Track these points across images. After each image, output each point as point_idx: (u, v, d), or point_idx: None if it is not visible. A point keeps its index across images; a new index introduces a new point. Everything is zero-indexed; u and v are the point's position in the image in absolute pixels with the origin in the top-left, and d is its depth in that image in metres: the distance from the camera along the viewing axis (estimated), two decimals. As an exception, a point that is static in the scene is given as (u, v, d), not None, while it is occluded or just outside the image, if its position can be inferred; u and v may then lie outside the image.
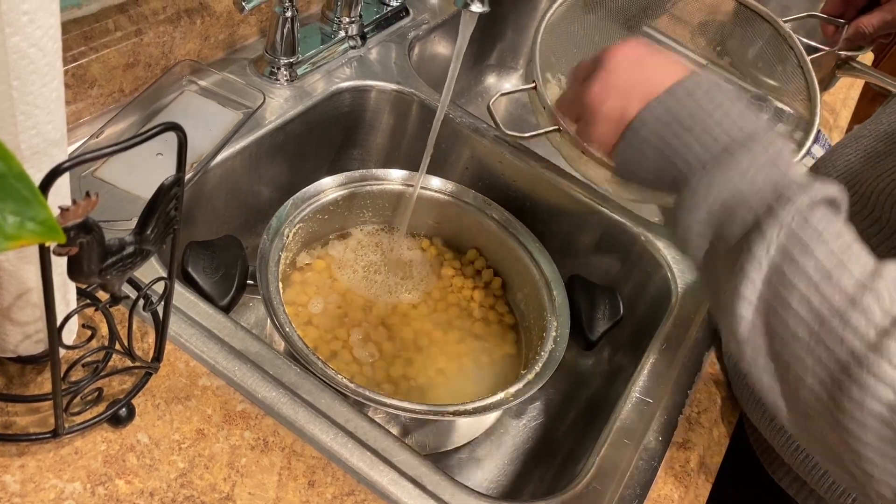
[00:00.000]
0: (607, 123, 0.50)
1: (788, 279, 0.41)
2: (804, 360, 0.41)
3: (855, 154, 0.64)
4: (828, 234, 0.42)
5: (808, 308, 0.41)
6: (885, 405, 0.38)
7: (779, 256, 0.42)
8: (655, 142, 0.47)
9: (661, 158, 0.47)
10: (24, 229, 0.28)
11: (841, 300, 0.40)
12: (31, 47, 0.35)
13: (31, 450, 0.49)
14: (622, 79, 0.50)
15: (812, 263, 0.41)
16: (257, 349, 0.59)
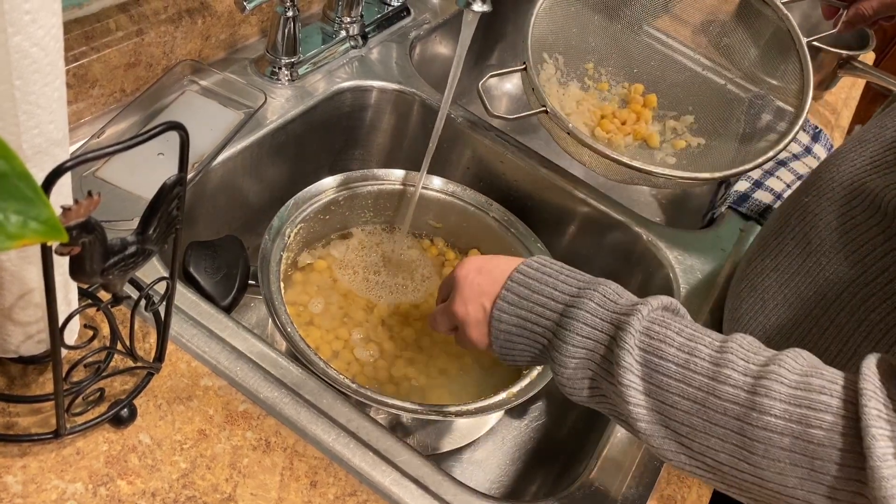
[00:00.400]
0: (477, 326, 0.58)
1: (659, 385, 0.47)
2: (709, 440, 0.45)
3: (860, 160, 0.63)
4: (669, 335, 0.48)
5: (686, 400, 0.46)
6: (782, 447, 0.43)
7: (642, 372, 0.48)
8: (515, 323, 0.55)
9: (524, 336, 0.55)
10: (26, 228, 0.28)
11: (705, 381, 0.46)
12: (33, 47, 0.35)
13: (33, 450, 0.49)
14: (472, 288, 0.58)
15: (669, 364, 0.47)
16: (259, 349, 0.59)
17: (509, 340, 0.56)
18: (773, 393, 0.44)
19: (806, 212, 0.65)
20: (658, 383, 0.47)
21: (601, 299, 0.52)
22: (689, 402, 0.46)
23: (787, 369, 0.45)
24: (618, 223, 0.83)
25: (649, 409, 0.48)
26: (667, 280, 0.79)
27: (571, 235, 0.87)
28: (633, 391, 0.48)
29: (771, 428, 0.43)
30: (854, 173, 0.63)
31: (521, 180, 0.87)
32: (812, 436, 0.42)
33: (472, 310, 0.58)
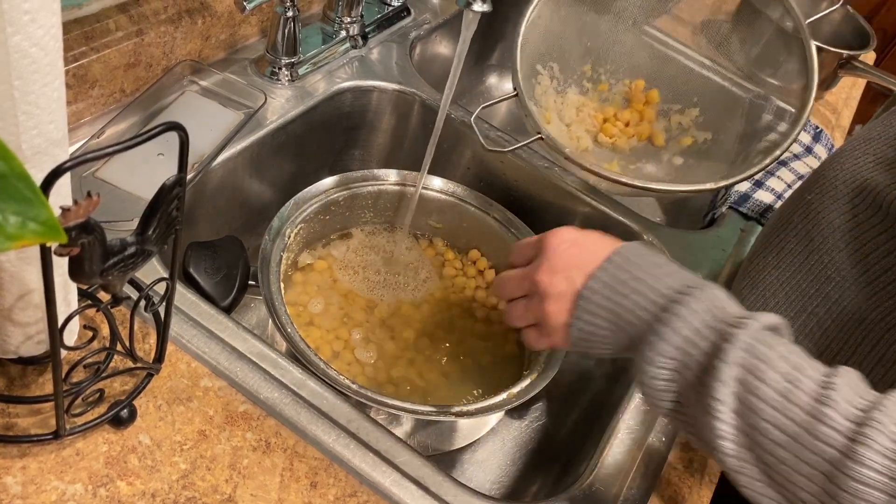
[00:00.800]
0: (559, 300, 0.53)
1: (753, 408, 0.44)
2: (794, 476, 0.44)
3: (864, 157, 0.63)
4: (773, 358, 0.45)
5: (779, 430, 0.44)
6: (879, 471, 0.41)
7: (739, 390, 0.45)
8: (606, 306, 0.51)
9: (613, 322, 0.51)
10: (25, 229, 0.28)
11: (804, 416, 0.43)
12: (32, 46, 0.35)
13: (33, 451, 0.49)
14: (563, 259, 0.54)
15: (769, 389, 0.44)
16: (259, 350, 0.59)
17: (593, 323, 0.52)
18: (874, 444, 0.41)
19: (809, 209, 0.65)
20: (752, 406, 0.45)
21: (710, 304, 0.48)
22: (782, 433, 0.44)
23: (892, 419, 0.42)
24: (618, 223, 0.83)
25: (738, 429, 0.45)
26: (667, 280, 0.79)
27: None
28: (724, 408, 0.45)
29: (867, 482, 0.41)
30: (858, 171, 0.63)
31: (521, 180, 0.87)
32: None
33: (559, 281, 0.53)
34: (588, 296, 0.52)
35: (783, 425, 0.44)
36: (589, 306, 0.52)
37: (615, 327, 0.51)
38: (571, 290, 0.53)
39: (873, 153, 0.63)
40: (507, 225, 0.83)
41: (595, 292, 0.52)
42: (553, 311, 0.54)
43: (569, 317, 0.53)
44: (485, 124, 0.83)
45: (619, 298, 0.51)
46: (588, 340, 0.53)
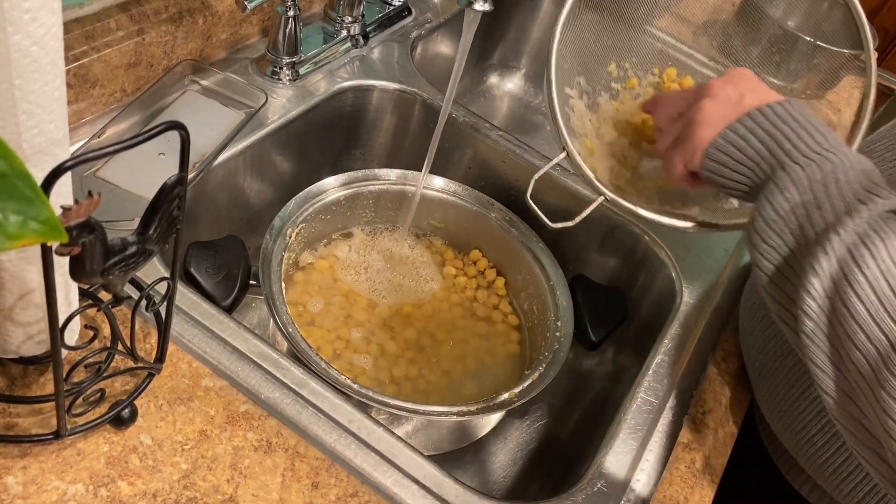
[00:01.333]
0: (722, 104, 0.53)
1: (860, 262, 0.45)
2: (858, 336, 0.44)
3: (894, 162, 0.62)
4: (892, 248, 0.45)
5: (872, 290, 0.44)
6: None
7: (854, 244, 0.45)
8: (767, 131, 0.51)
9: (764, 148, 0.51)
10: (26, 229, 0.28)
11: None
12: (33, 45, 0.35)
13: (34, 451, 0.49)
14: (744, 79, 0.55)
15: (883, 255, 0.45)
16: (260, 350, 0.58)
17: (742, 143, 0.52)
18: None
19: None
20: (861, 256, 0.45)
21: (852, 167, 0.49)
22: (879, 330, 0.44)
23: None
24: (620, 223, 0.83)
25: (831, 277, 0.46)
26: (669, 280, 0.79)
27: (573, 235, 0.86)
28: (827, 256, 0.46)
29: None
30: (885, 172, 0.61)
31: (522, 180, 0.87)
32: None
33: (732, 90, 0.54)
34: (751, 116, 0.52)
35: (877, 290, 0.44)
36: (752, 122, 0.52)
37: (762, 154, 0.51)
38: (738, 101, 0.53)
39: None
40: (508, 224, 0.83)
41: (765, 113, 0.51)
42: (710, 109, 0.54)
43: (722, 120, 0.53)
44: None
45: (783, 130, 0.51)
46: (724, 160, 0.53)
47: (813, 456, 0.64)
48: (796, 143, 0.50)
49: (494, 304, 0.83)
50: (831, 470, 0.63)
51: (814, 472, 0.65)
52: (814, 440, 0.63)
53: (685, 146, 0.56)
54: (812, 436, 0.63)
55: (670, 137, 0.59)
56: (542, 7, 1.19)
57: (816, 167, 0.49)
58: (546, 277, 0.79)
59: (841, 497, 0.64)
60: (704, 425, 0.67)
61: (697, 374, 0.70)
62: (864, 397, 0.45)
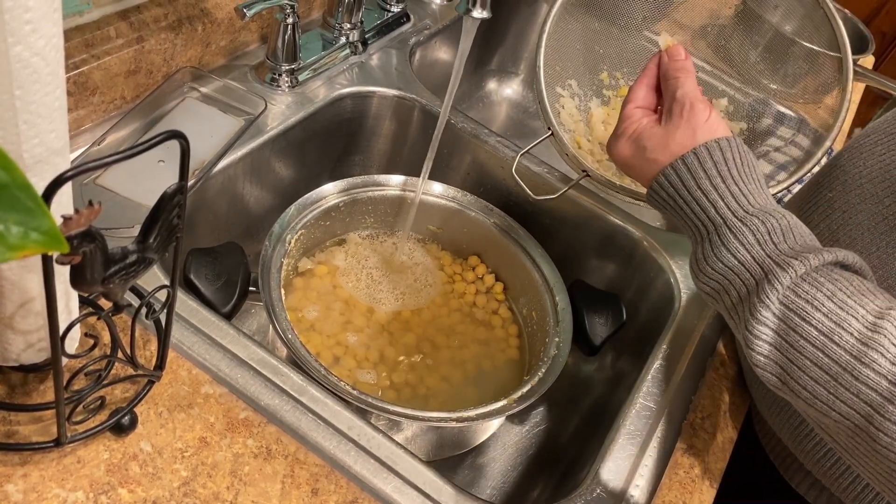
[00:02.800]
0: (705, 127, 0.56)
1: (796, 341, 0.45)
2: (831, 413, 0.44)
3: (889, 154, 0.62)
4: (825, 293, 0.46)
5: (819, 368, 0.44)
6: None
7: (783, 322, 0.46)
8: (690, 186, 0.53)
9: (693, 204, 0.53)
10: (27, 239, 0.28)
11: (847, 358, 0.44)
12: (33, 56, 0.35)
13: (34, 459, 0.49)
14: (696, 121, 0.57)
15: (812, 330, 0.45)
16: (259, 356, 0.59)
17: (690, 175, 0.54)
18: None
19: (831, 208, 0.64)
20: (793, 343, 0.45)
21: (784, 228, 0.50)
22: (820, 370, 0.44)
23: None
24: (618, 228, 0.83)
25: (773, 360, 0.46)
26: (667, 285, 0.79)
27: (572, 241, 0.87)
28: (764, 333, 0.46)
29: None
30: (884, 169, 0.61)
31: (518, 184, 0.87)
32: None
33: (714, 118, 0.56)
34: (679, 165, 0.54)
35: (823, 364, 0.44)
36: (696, 160, 0.54)
37: (693, 212, 0.54)
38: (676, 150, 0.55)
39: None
40: (507, 230, 0.83)
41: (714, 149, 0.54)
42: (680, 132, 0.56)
43: (682, 151, 0.55)
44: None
45: (725, 176, 0.53)
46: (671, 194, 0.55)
47: (812, 450, 0.64)
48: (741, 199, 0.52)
49: (493, 310, 0.83)
50: (830, 463, 0.63)
51: (812, 467, 0.65)
52: (812, 434, 0.63)
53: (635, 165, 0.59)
54: (810, 430, 0.63)
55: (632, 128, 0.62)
56: (540, 13, 1.19)
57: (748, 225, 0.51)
58: (545, 282, 0.79)
59: (839, 491, 0.64)
60: (703, 430, 0.67)
61: (696, 379, 0.70)
62: (861, 463, 0.46)
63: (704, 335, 0.74)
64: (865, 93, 1.33)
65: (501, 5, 1.15)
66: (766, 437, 0.71)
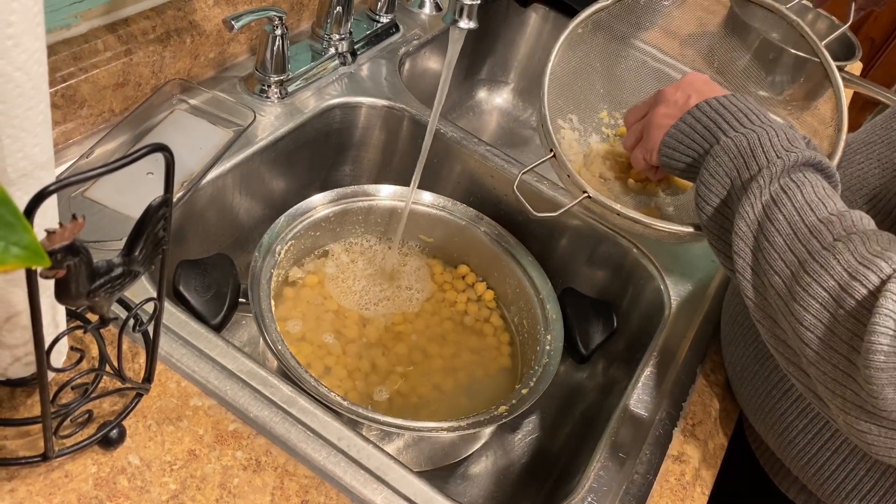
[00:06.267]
0: (671, 107, 0.64)
1: (779, 204, 0.53)
2: (777, 262, 0.52)
3: (867, 163, 0.63)
4: (813, 183, 0.54)
5: (788, 223, 0.52)
6: (824, 289, 0.49)
7: (775, 189, 0.54)
8: (705, 122, 0.61)
9: (706, 131, 0.60)
10: (8, 254, 0.28)
11: (813, 220, 0.52)
12: (16, 71, 0.35)
13: (21, 473, 0.49)
14: (692, 84, 0.65)
15: (797, 197, 0.53)
16: (249, 368, 0.58)
17: (683, 136, 0.62)
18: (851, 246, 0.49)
19: None
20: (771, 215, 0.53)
21: (786, 135, 0.57)
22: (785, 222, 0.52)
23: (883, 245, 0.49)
24: (608, 236, 0.83)
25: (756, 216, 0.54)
26: (658, 292, 0.79)
27: (562, 249, 0.87)
28: (751, 211, 0.54)
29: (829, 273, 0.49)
30: (862, 178, 0.63)
31: (511, 194, 0.87)
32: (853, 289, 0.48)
33: (680, 95, 0.64)
34: (696, 111, 0.62)
35: (795, 222, 0.52)
36: (692, 117, 0.62)
37: (705, 136, 0.60)
38: (685, 103, 0.63)
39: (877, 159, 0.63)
40: (497, 239, 0.83)
41: (703, 109, 0.61)
42: (660, 114, 0.65)
43: (671, 121, 0.63)
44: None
45: (722, 115, 0.60)
46: (675, 146, 0.63)
47: (796, 456, 0.64)
48: (730, 123, 0.60)
49: (485, 318, 0.83)
50: (815, 469, 0.63)
51: (798, 472, 0.65)
52: (796, 441, 0.64)
53: (645, 146, 0.68)
54: (794, 436, 0.64)
55: (633, 137, 0.70)
56: (529, 23, 1.20)
57: (744, 138, 0.58)
58: (535, 291, 0.79)
59: (825, 496, 0.64)
60: (694, 437, 0.67)
61: (687, 385, 0.70)
62: (782, 315, 0.52)
63: (695, 342, 0.74)
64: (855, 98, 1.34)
65: (490, 15, 1.16)
66: (756, 442, 0.71)
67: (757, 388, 0.66)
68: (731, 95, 0.62)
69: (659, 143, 0.64)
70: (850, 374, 0.48)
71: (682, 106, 0.63)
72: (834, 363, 0.49)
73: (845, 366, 0.48)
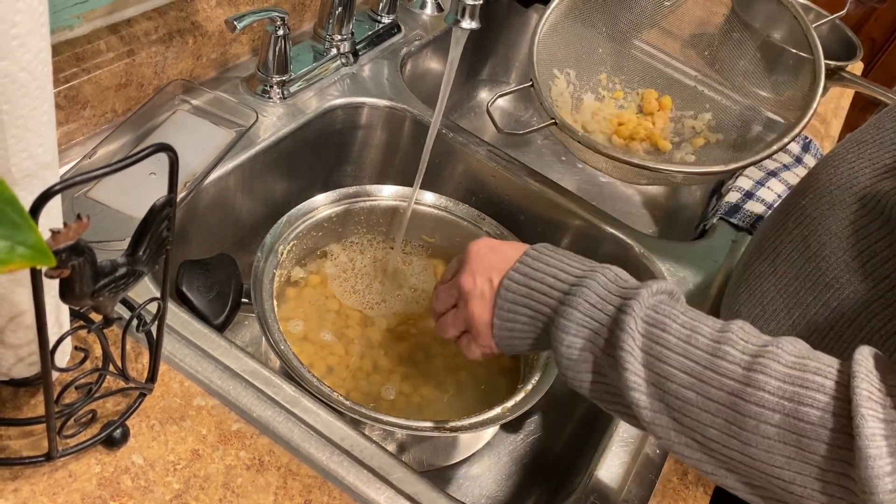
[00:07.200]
0: (481, 300, 0.58)
1: (658, 356, 0.48)
2: (701, 415, 0.46)
3: (858, 162, 0.63)
4: (674, 313, 0.50)
5: (683, 373, 0.47)
6: (780, 427, 0.44)
7: (644, 343, 0.49)
8: (522, 299, 0.56)
9: (529, 312, 0.55)
10: (13, 254, 0.28)
11: (705, 357, 0.47)
12: (21, 71, 0.36)
13: (25, 473, 0.49)
14: (482, 263, 0.59)
15: (671, 338, 0.48)
16: (252, 368, 0.59)
17: (512, 317, 0.56)
18: (768, 370, 0.45)
19: (804, 215, 0.65)
20: (657, 355, 0.48)
21: (613, 276, 0.53)
22: (686, 375, 0.47)
23: (784, 351, 0.46)
24: (610, 235, 0.83)
25: (647, 380, 0.48)
26: (660, 292, 0.79)
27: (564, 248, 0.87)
28: (632, 359, 0.48)
29: (763, 404, 0.44)
30: (854, 177, 0.62)
31: (512, 195, 0.87)
32: (803, 414, 0.43)
33: (480, 282, 0.59)
34: (504, 292, 0.56)
35: (686, 367, 0.47)
36: (506, 301, 0.56)
37: (531, 317, 0.55)
38: (491, 289, 0.58)
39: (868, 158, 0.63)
40: (499, 239, 0.83)
41: (511, 288, 0.56)
42: (477, 311, 0.59)
43: (491, 315, 0.58)
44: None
45: (530, 292, 0.55)
46: (510, 335, 0.57)
47: None
48: (546, 292, 0.55)
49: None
50: None
51: None
52: None
53: (479, 343, 0.61)
54: None
55: (454, 330, 0.63)
56: (530, 23, 1.20)
57: (569, 309, 0.52)
58: (537, 291, 0.79)
59: None
60: (697, 437, 0.67)
61: (689, 385, 0.70)
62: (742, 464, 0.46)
63: (697, 341, 0.74)
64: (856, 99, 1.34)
65: (492, 15, 1.16)
66: None
67: None
68: (525, 257, 0.57)
69: (491, 338, 0.59)
70: (852, 490, 0.43)
71: (490, 295, 0.58)
72: (830, 494, 0.44)
73: (846, 483, 0.43)
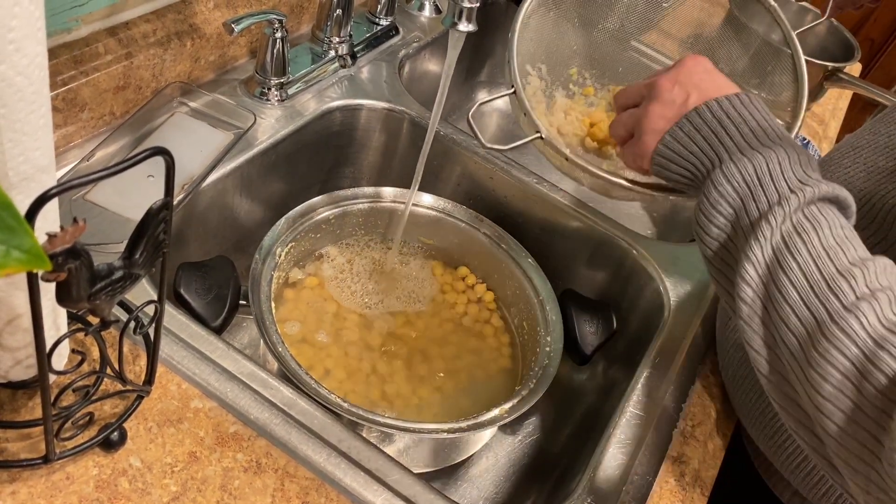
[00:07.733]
0: (666, 107, 0.56)
1: (792, 249, 0.47)
2: (790, 317, 0.46)
3: (854, 167, 0.63)
4: (831, 222, 0.48)
5: (803, 274, 0.47)
6: (847, 358, 0.44)
7: (787, 230, 0.48)
8: (706, 131, 0.54)
9: (707, 145, 0.53)
10: (9, 258, 0.28)
11: (832, 271, 0.46)
12: (17, 75, 0.36)
13: (23, 476, 0.49)
14: (691, 77, 0.57)
15: (814, 241, 0.47)
16: (249, 370, 0.59)
17: (686, 142, 0.54)
18: (877, 307, 0.44)
19: None
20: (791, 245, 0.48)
21: (788, 162, 0.51)
22: (803, 277, 0.46)
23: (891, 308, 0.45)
24: (608, 238, 0.83)
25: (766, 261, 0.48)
26: (657, 293, 0.79)
27: (562, 250, 0.87)
28: (764, 241, 0.48)
29: (851, 334, 0.44)
30: (849, 181, 0.63)
31: (511, 196, 0.87)
32: (882, 363, 0.43)
33: (678, 91, 0.56)
34: (694, 115, 0.54)
35: (810, 272, 0.47)
36: (691, 123, 0.54)
37: (703, 152, 0.54)
38: (683, 103, 0.56)
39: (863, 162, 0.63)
40: (497, 240, 0.83)
41: (703, 114, 0.54)
42: (656, 113, 0.57)
43: (667, 125, 0.56)
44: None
45: (724, 126, 0.53)
46: (672, 155, 0.56)
47: (787, 460, 0.64)
48: (734, 139, 0.53)
49: (485, 320, 0.83)
50: (804, 473, 0.63)
51: (790, 476, 0.66)
52: (785, 445, 0.64)
53: (636, 149, 0.60)
54: (783, 440, 0.64)
55: (623, 129, 0.62)
56: (528, 24, 1.20)
57: (750, 164, 0.51)
58: (535, 292, 0.79)
59: (816, 500, 0.64)
60: (694, 438, 0.67)
61: (686, 387, 0.70)
62: (795, 376, 0.47)
63: (694, 343, 0.74)
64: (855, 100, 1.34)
65: (490, 17, 1.16)
66: (751, 445, 0.71)
67: (748, 392, 0.67)
68: (735, 97, 0.54)
69: (652, 150, 0.58)
70: (877, 453, 0.43)
71: (679, 106, 0.56)
72: (860, 440, 0.44)
73: (872, 444, 0.43)
